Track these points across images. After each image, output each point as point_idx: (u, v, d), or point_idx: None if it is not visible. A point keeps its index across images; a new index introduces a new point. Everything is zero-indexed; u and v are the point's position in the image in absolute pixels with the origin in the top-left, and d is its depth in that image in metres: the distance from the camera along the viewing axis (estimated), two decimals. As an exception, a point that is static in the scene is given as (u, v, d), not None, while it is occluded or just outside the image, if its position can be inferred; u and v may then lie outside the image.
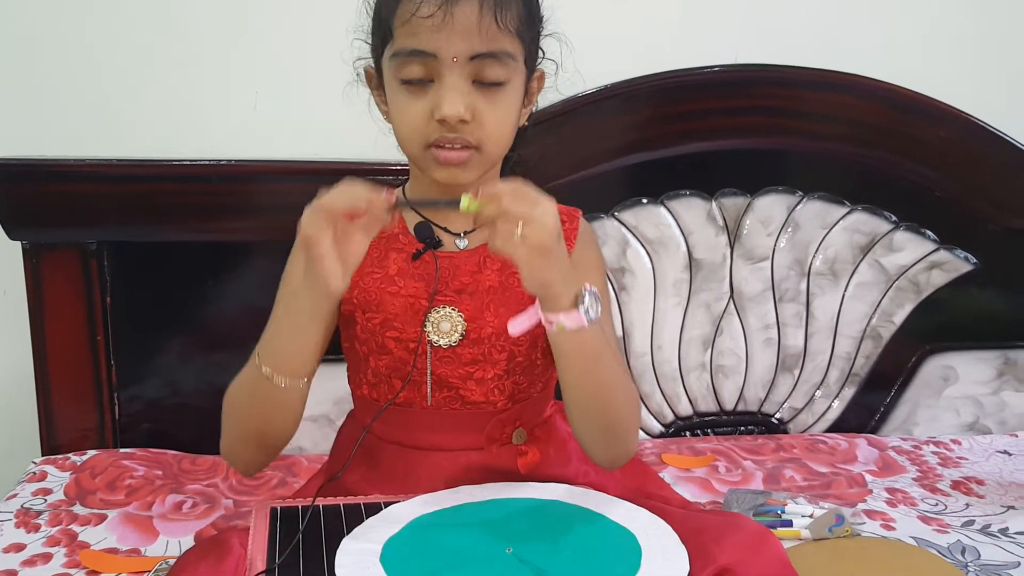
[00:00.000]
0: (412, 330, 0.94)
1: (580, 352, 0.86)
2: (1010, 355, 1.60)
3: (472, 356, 0.94)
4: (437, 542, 0.81)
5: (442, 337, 0.94)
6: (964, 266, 1.54)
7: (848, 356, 1.54)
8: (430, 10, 0.84)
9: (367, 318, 0.95)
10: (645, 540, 0.81)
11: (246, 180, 1.34)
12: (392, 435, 0.96)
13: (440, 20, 0.84)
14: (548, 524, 0.84)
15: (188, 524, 1.17)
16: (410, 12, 0.85)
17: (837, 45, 1.48)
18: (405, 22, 0.85)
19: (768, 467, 1.37)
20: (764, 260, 1.50)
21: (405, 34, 0.86)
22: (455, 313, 0.94)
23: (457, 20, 0.84)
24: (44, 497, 1.22)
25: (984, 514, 1.24)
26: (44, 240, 1.31)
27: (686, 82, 1.42)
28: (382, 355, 0.95)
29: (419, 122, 0.88)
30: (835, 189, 1.50)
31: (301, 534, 0.82)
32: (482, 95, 0.87)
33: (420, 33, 0.85)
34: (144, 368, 1.38)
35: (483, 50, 0.86)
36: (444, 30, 0.84)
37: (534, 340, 0.96)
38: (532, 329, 0.92)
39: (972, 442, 1.51)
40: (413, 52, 0.86)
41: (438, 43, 0.85)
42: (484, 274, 0.95)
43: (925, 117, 1.47)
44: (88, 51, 1.35)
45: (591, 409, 0.90)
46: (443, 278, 0.94)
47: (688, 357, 1.51)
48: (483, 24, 0.85)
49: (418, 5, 0.84)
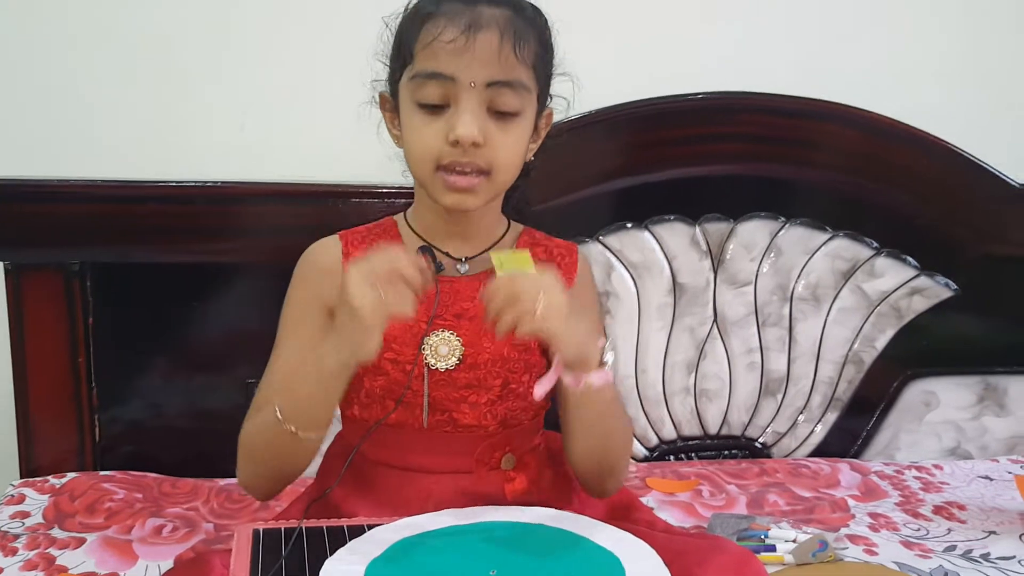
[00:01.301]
0: (410, 352, 0.94)
1: (597, 404, 0.90)
2: (990, 380, 1.61)
3: (467, 380, 0.95)
4: (420, 564, 0.81)
5: (440, 360, 0.94)
6: (945, 292, 1.55)
7: (831, 381, 1.55)
8: (453, 34, 0.86)
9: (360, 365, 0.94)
10: (629, 563, 0.81)
11: (232, 202, 1.34)
12: (382, 456, 0.96)
13: (462, 45, 0.86)
14: (532, 547, 0.84)
15: (168, 548, 1.15)
16: (432, 35, 0.87)
17: (820, 74, 1.51)
18: (427, 45, 0.88)
19: (752, 491, 1.37)
20: (747, 285, 1.51)
21: (426, 57, 0.88)
22: (454, 337, 0.95)
23: (478, 46, 0.86)
24: (22, 520, 1.20)
25: (966, 539, 1.25)
26: (26, 260, 1.31)
27: (670, 108, 1.43)
28: (377, 376, 0.95)
29: (432, 144, 0.89)
30: (817, 215, 1.51)
31: (284, 560, 0.81)
32: (495, 122, 0.90)
33: (441, 56, 0.87)
34: (126, 390, 1.37)
35: (500, 78, 0.88)
36: (465, 55, 0.86)
37: (528, 367, 0.98)
38: (527, 357, 0.96)
39: (954, 467, 1.52)
40: (432, 74, 0.88)
41: (458, 67, 0.87)
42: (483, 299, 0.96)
43: (906, 145, 1.49)
44: (73, 71, 1.36)
45: (595, 452, 0.94)
46: (443, 302, 0.95)
47: (672, 381, 1.51)
48: (503, 53, 0.87)
49: (441, 29, 0.87)
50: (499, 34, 0.87)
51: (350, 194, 1.36)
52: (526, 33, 0.89)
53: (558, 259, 1.02)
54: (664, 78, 1.43)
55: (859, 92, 1.48)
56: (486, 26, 0.87)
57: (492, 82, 0.88)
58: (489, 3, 0.88)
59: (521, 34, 0.88)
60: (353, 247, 0.98)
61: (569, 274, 1.01)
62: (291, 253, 1.02)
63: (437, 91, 0.88)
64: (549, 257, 1.02)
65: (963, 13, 1.59)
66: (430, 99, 0.89)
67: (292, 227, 1.33)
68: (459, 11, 0.87)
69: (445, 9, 0.88)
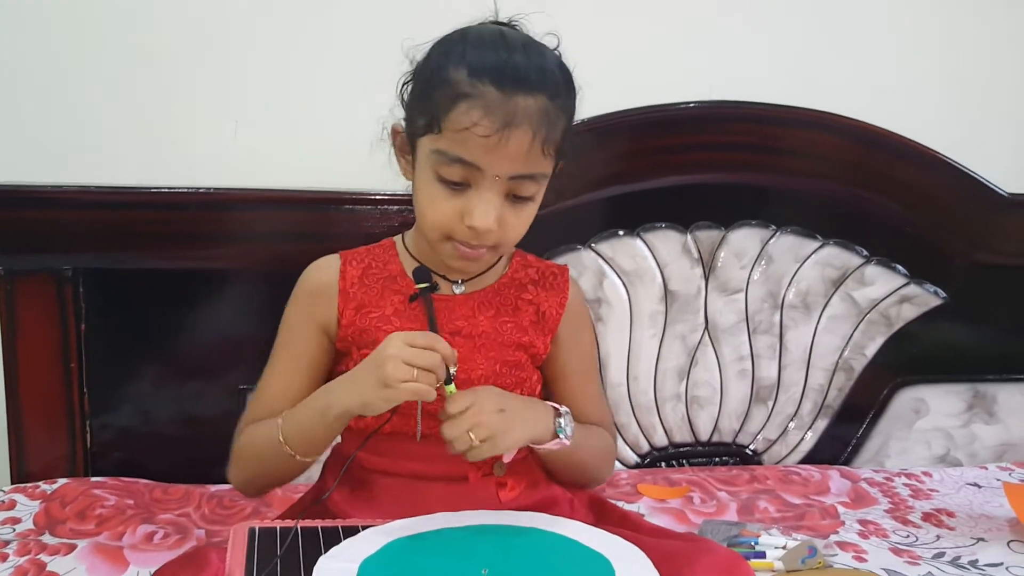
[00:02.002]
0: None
1: (563, 454, 0.98)
2: (979, 388, 1.62)
3: None
4: (413, 563, 0.81)
5: None
6: (934, 300, 1.56)
7: (821, 388, 1.56)
8: (487, 131, 0.86)
9: (362, 354, 0.96)
10: (619, 565, 0.81)
11: (224, 208, 1.34)
12: (378, 464, 0.97)
13: (495, 143, 0.86)
14: (524, 549, 0.85)
15: (159, 555, 1.14)
16: (466, 124, 0.86)
17: (810, 83, 1.52)
18: (458, 130, 0.87)
19: (742, 498, 1.38)
20: (738, 292, 1.52)
21: (456, 140, 0.87)
22: None
23: (510, 145, 0.87)
24: (13, 526, 1.20)
25: (955, 546, 1.25)
26: (18, 266, 1.30)
27: (662, 117, 1.44)
28: None
29: (448, 220, 0.91)
30: (808, 224, 1.52)
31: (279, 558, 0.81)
32: (511, 206, 0.91)
33: (471, 146, 0.87)
34: (117, 396, 1.36)
35: (523, 172, 0.90)
36: (495, 151, 0.87)
37: (520, 383, 1.00)
38: (518, 372, 0.99)
39: (943, 474, 1.53)
40: (459, 160, 0.88)
41: (486, 161, 0.87)
42: (478, 319, 0.99)
43: (895, 154, 1.50)
44: (66, 77, 1.36)
45: (574, 479, 1.05)
46: (438, 320, 0.96)
47: (663, 388, 1.52)
48: (532, 151, 0.88)
49: (476, 122, 0.86)
50: (532, 133, 0.87)
51: (343, 201, 1.36)
52: (556, 123, 0.90)
53: (550, 280, 1.04)
54: (656, 87, 1.43)
55: (850, 102, 1.49)
56: (520, 124, 0.86)
57: (515, 175, 0.89)
58: (527, 92, 0.87)
59: (551, 127, 0.89)
60: (351, 267, 1.00)
61: (562, 294, 1.04)
62: (283, 260, 1.03)
63: (460, 173, 0.89)
64: (541, 278, 1.04)
65: (952, 23, 1.60)
66: (452, 178, 0.89)
67: (284, 234, 1.33)
68: (497, 103, 0.86)
69: (483, 96, 0.86)
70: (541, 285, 1.03)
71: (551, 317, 1.02)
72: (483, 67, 0.87)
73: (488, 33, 0.91)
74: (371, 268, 1.01)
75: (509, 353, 0.99)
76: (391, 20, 1.41)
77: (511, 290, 1.02)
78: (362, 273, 1.00)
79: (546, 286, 1.03)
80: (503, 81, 0.86)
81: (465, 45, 0.90)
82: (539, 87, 0.88)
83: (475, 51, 0.88)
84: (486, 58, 0.87)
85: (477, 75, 0.86)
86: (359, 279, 1.00)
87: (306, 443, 0.93)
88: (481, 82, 0.86)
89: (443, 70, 0.89)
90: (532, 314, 1.02)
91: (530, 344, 1.01)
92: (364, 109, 1.42)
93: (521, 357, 1.00)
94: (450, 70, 0.88)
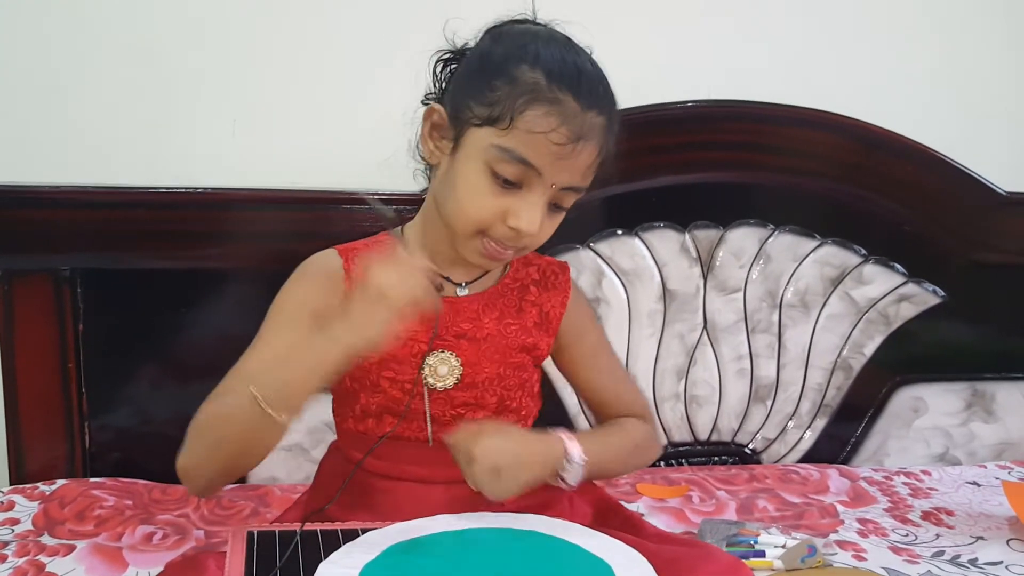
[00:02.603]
0: (409, 371, 0.94)
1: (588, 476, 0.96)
2: (978, 387, 1.62)
3: (465, 399, 0.96)
4: (415, 567, 0.81)
5: (438, 380, 0.95)
6: (932, 299, 1.56)
7: (819, 387, 1.56)
8: (562, 140, 0.85)
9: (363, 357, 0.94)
10: (620, 570, 0.81)
11: (222, 208, 1.34)
12: (378, 468, 0.96)
13: (568, 152, 0.86)
14: (525, 553, 0.85)
15: (158, 555, 1.15)
16: (543, 128, 0.85)
17: (808, 82, 1.52)
18: (531, 132, 0.85)
19: (741, 497, 1.38)
20: (737, 292, 1.52)
21: (526, 142, 0.86)
22: (453, 358, 0.96)
23: (577, 158, 0.87)
24: (11, 527, 1.20)
25: (954, 544, 1.25)
26: (16, 266, 1.30)
27: (660, 116, 1.44)
28: (375, 393, 0.95)
29: (489, 216, 0.89)
30: (806, 223, 1.52)
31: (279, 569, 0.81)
32: (548, 213, 0.91)
33: (541, 151, 0.86)
34: (116, 397, 1.36)
35: (575, 184, 0.90)
36: (563, 161, 0.87)
37: (523, 384, 0.99)
38: (522, 374, 0.99)
39: (942, 473, 1.53)
40: (525, 161, 0.87)
41: (551, 168, 0.87)
42: (483, 321, 0.98)
43: (893, 153, 1.50)
44: (63, 77, 1.35)
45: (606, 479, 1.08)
46: (443, 323, 0.95)
47: (662, 387, 1.52)
48: (591, 166, 0.90)
49: (554, 128, 0.85)
50: (598, 149, 0.88)
51: (340, 201, 1.36)
52: (610, 143, 0.91)
53: (551, 279, 1.04)
54: (654, 86, 1.43)
55: (848, 100, 1.49)
56: (591, 138, 0.87)
57: (568, 187, 0.90)
58: (598, 109, 0.88)
59: (608, 146, 0.90)
60: (352, 262, 0.98)
61: (563, 293, 1.03)
62: (280, 260, 1.02)
63: (518, 173, 0.87)
64: (542, 276, 1.04)
65: (950, 22, 1.60)
66: (507, 175, 0.87)
67: (281, 233, 1.33)
68: (575, 115, 0.86)
69: (562, 103, 0.86)
70: (543, 285, 1.03)
71: (554, 317, 1.02)
72: (562, 75, 0.86)
73: (558, 37, 0.91)
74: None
75: (513, 355, 0.99)
76: (390, 20, 1.41)
77: (514, 291, 1.01)
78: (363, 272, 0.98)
79: (548, 286, 1.03)
80: (581, 93, 0.86)
81: (537, 44, 0.89)
82: (605, 105, 0.89)
83: (550, 54, 0.88)
84: (564, 66, 0.87)
85: (556, 81, 0.86)
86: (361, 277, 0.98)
87: (285, 400, 0.82)
88: (560, 89, 0.86)
89: (515, 65, 0.87)
90: (536, 315, 1.01)
91: (533, 346, 1.00)
92: (363, 110, 1.43)
93: (524, 359, 1.00)
94: (524, 68, 0.87)
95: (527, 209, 0.88)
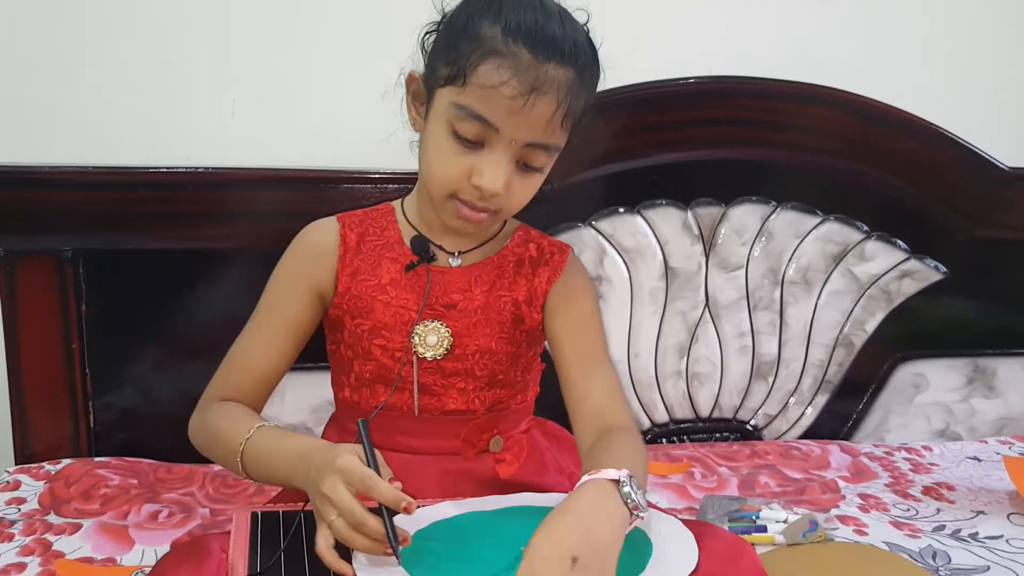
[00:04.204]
0: (399, 340, 0.96)
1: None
2: (979, 363, 1.63)
3: (455, 369, 0.97)
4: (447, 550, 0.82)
5: (428, 350, 0.96)
6: (934, 275, 1.57)
7: (821, 364, 1.57)
8: (514, 92, 0.84)
9: (356, 323, 0.96)
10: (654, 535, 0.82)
11: (223, 188, 1.34)
12: (377, 438, 0.96)
13: (519, 106, 0.84)
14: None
15: (164, 533, 1.16)
16: (493, 82, 0.84)
17: (810, 58, 1.51)
18: (484, 87, 0.85)
19: (743, 473, 1.38)
20: (739, 269, 1.52)
21: (479, 97, 0.86)
22: (443, 328, 0.96)
23: (534, 111, 0.85)
24: (18, 506, 1.21)
25: (955, 519, 1.26)
26: (19, 247, 1.31)
27: (662, 93, 1.43)
28: (367, 361, 0.97)
29: (455, 176, 0.89)
30: (808, 199, 1.52)
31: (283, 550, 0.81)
32: (519, 173, 0.90)
33: (494, 105, 0.85)
34: (119, 376, 1.37)
35: (540, 141, 0.88)
36: (518, 115, 0.85)
37: (514, 358, 0.99)
38: (513, 350, 0.98)
39: (943, 448, 1.54)
40: (479, 117, 0.86)
41: (507, 123, 0.86)
42: (474, 293, 0.98)
43: (895, 129, 1.50)
44: (63, 58, 1.35)
45: None
46: (434, 292, 0.96)
47: (664, 365, 1.52)
48: (552, 121, 0.87)
49: (504, 81, 0.84)
50: (556, 103, 0.86)
51: (341, 179, 1.36)
52: (580, 98, 0.89)
53: (547, 256, 1.03)
54: (656, 63, 1.43)
55: (850, 76, 1.49)
56: (547, 92, 0.85)
57: (531, 143, 0.88)
58: (560, 61, 0.86)
59: (576, 101, 0.88)
60: (350, 231, 0.99)
61: (555, 271, 1.02)
62: (282, 238, 1.03)
63: (476, 130, 0.87)
64: (539, 254, 1.03)
65: (954, -2, 1.59)
66: (466, 134, 0.87)
67: (282, 213, 1.33)
68: (528, 66, 0.84)
69: (515, 56, 0.84)
70: (538, 263, 1.02)
71: (540, 293, 1.00)
72: (518, 28, 0.85)
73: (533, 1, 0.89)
74: (368, 234, 1.00)
75: (506, 329, 0.99)
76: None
77: (510, 265, 1.01)
78: (359, 239, 0.99)
79: (542, 263, 1.02)
80: (537, 46, 0.84)
81: (502, 2, 0.87)
82: (570, 59, 0.86)
83: (512, 10, 0.86)
84: (523, 19, 0.85)
85: (511, 35, 0.85)
86: (356, 245, 0.99)
87: (262, 478, 0.90)
88: (515, 42, 0.84)
89: (475, 23, 0.87)
90: (525, 290, 1.00)
91: (523, 318, 1.00)
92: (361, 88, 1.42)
93: (516, 334, 1.00)
94: (484, 25, 0.86)
95: (489, 168, 0.87)
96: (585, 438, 0.93)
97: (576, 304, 1.01)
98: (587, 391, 0.96)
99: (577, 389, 0.96)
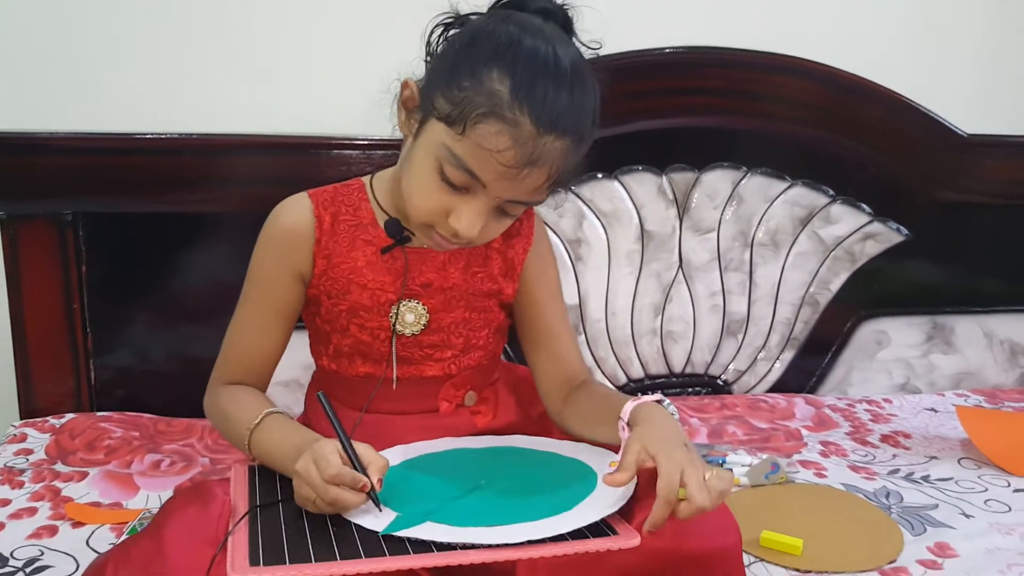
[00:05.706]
0: (377, 319, 0.99)
1: None
2: (938, 320, 1.70)
3: (432, 342, 1.01)
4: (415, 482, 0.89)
5: (406, 327, 0.99)
6: (896, 237, 1.64)
7: (788, 322, 1.64)
8: (509, 162, 0.83)
9: (332, 303, 0.99)
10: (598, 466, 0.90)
11: (217, 153, 1.38)
12: (354, 403, 1.02)
13: (513, 175, 0.84)
14: (512, 461, 0.94)
15: (167, 480, 1.22)
16: (491, 147, 0.83)
17: (781, 29, 1.56)
18: (482, 147, 0.83)
19: (712, 423, 1.46)
20: (711, 232, 1.59)
21: (474, 154, 0.84)
22: (420, 306, 1.00)
23: (524, 179, 0.85)
24: (26, 457, 1.26)
25: (909, 463, 1.34)
26: (21, 212, 1.35)
27: (639, 63, 1.48)
28: (345, 336, 1.01)
29: (434, 211, 0.89)
30: (777, 165, 1.58)
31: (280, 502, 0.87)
32: (496, 216, 0.91)
33: (487, 168, 0.84)
34: (118, 336, 1.42)
35: (522, 199, 0.89)
36: (509, 180, 0.85)
37: (488, 323, 1.04)
38: (486, 316, 1.03)
39: (902, 400, 1.62)
40: (470, 172, 0.85)
41: (496, 184, 0.86)
42: (449, 271, 1.00)
43: (862, 98, 1.56)
44: (61, 25, 1.38)
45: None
46: (410, 273, 0.98)
47: (640, 323, 1.59)
48: (540, 187, 0.87)
49: (503, 150, 0.83)
50: (548, 173, 0.86)
51: (332, 146, 1.40)
52: (571, 162, 0.88)
53: (516, 226, 1.04)
54: (632, 34, 1.47)
55: (818, 47, 1.54)
56: (542, 165, 0.84)
57: (514, 200, 0.89)
58: (560, 134, 0.84)
59: (567, 167, 0.87)
60: (324, 211, 0.98)
61: (526, 238, 1.05)
62: (273, 203, 1.03)
63: (464, 180, 0.86)
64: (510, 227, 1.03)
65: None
66: (453, 179, 0.86)
67: (275, 178, 1.37)
68: (528, 138, 0.83)
69: (518, 125, 0.82)
70: (507, 234, 1.03)
71: (517, 263, 1.04)
72: (527, 94, 0.82)
73: (542, 52, 0.85)
74: (341, 213, 0.99)
75: (478, 301, 1.02)
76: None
77: None
78: (333, 219, 0.98)
79: (512, 233, 1.04)
80: (541, 118, 0.82)
81: (517, 54, 0.84)
82: (572, 131, 0.85)
83: (525, 69, 0.83)
84: (534, 84, 0.83)
85: (519, 99, 0.82)
86: (331, 226, 0.98)
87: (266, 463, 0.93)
88: (520, 109, 0.82)
89: (486, 68, 0.84)
90: (500, 263, 1.03)
91: (499, 291, 1.04)
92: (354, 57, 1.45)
93: (489, 303, 1.04)
94: (494, 75, 0.83)
95: (468, 214, 0.87)
96: (558, 391, 1.04)
97: (549, 271, 1.07)
98: (564, 352, 1.06)
99: (553, 349, 1.06)
